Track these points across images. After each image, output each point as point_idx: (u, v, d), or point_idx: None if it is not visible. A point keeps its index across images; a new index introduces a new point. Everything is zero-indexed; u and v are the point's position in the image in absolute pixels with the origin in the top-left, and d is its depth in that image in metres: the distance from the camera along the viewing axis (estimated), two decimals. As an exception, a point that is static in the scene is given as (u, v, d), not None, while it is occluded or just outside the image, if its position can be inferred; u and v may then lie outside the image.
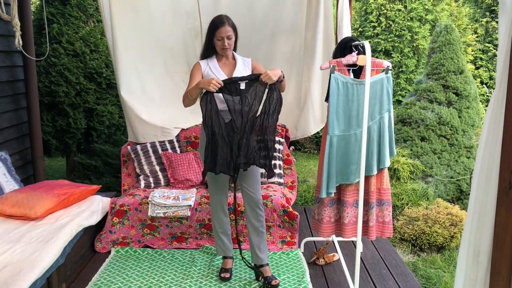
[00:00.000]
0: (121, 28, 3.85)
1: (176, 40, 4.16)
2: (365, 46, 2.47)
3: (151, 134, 4.12)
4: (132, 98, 4.03)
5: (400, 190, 4.57)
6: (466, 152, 5.01)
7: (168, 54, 4.18)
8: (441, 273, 3.56)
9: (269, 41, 4.12)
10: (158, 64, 4.18)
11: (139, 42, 4.03)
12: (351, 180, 2.76)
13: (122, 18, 3.84)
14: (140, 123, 4.07)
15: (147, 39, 4.05)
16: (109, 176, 5.04)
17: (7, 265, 2.37)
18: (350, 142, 2.69)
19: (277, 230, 3.54)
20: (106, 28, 3.94)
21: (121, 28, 3.85)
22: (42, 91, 4.87)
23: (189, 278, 3.04)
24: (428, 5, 7.28)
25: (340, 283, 3.01)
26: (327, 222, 2.91)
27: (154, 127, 4.11)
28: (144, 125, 4.08)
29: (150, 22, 4.01)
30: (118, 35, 3.85)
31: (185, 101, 2.82)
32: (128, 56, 3.95)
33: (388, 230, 2.92)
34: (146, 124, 4.08)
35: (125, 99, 3.99)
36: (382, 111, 2.71)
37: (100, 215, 3.39)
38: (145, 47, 4.07)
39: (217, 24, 2.73)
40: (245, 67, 2.87)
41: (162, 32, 4.08)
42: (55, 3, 5.00)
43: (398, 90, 7.31)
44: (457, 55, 5.20)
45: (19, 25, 3.52)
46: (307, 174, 6.18)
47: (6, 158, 3.59)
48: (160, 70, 4.21)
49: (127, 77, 3.98)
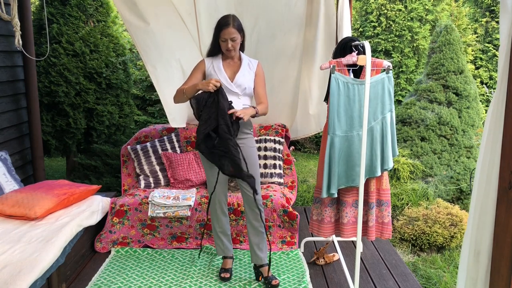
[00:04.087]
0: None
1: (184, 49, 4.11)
2: (365, 46, 2.47)
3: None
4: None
5: (400, 190, 4.57)
6: (466, 152, 5.01)
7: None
8: (441, 273, 3.56)
9: (269, 41, 4.11)
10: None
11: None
12: (357, 182, 2.72)
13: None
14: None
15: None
16: (109, 176, 5.04)
17: (7, 265, 2.37)
18: (354, 143, 2.67)
19: (277, 230, 3.54)
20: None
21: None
22: (42, 91, 4.87)
23: (189, 278, 3.04)
24: (428, 5, 7.28)
25: (340, 283, 3.01)
26: (328, 223, 2.91)
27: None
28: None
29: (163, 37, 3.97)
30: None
31: (177, 98, 2.82)
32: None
33: (387, 231, 2.91)
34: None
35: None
36: (384, 111, 2.71)
37: (100, 215, 3.39)
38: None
39: (222, 25, 2.71)
40: (249, 70, 2.85)
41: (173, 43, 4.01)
42: (55, 3, 4.99)
43: (398, 90, 7.31)
44: (457, 55, 5.20)
45: (19, 25, 3.52)
46: (307, 174, 6.18)
47: (6, 158, 3.59)
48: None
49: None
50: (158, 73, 3.82)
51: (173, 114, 3.98)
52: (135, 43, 3.76)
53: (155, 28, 3.76)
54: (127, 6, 3.64)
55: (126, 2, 3.63)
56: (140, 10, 3.66)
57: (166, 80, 3.87)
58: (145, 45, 3.76)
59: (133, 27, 3.70)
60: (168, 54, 3.87)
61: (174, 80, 3.89)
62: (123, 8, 3.65)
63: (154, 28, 3.75)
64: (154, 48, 3.79)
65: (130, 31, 3.72)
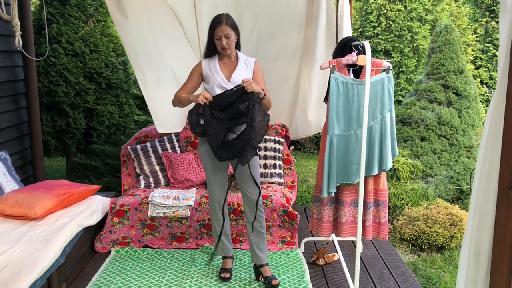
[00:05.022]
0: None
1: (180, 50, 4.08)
2: (365, 46, 2.47)
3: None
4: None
5: (400, 190, 4.57)
6: (466, 152, 5.01)
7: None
8: (441, 273, 3.56)
9: (269, 41, 4.11)
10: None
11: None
12: (352, 180, 2.76)
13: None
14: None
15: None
16: (109, 176, 5.04)
17: (7, 265, 2.37)
18: (351, 142, 2.69)
19: (277, 230, 3.54)
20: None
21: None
22: (42, 91, 4.87)
23: (189, 278, 3.04)
24: (428, 5, 7.27)
25: (340, 283, 3.01)
26: (326, 221, 2.93)
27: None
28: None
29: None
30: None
31: (175, 102, 2.85)
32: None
33: (384, 232, 2.92)
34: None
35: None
36: (383, 111, 2.71)
37: (100, 215, 3.39)
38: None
39: (214, 23, 2.72)
40: (247, 68, 2.84)
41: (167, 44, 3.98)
42: (55, 3, 4.99)
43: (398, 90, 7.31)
44: (457, 55, 5.20)
45: (19, 25, 3.52)
46: (307, 174, 6.18)
47: (6, 158, 3.59)
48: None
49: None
50: (146, 79, 3.82)
51: (160, 120, 3.99)
52: (125, 47, 3.76)
53: (146, 33, 3.73)
54: (119, 8, 3.62)
55: (117, 3, 3.60)
56: (129, 12, 3.62)
57: (155, 86, 3.87)
58: (135, 50, 3.74)
59: (124, 31, 3.68)
60: (158, 60, 3.84)
61: (164, 86, 3.89)
62: (115, 11, 3.62)
63: (145, 33, 3.72)
64: (143, 53, 3.77)
65: (120, 34, 3.71)
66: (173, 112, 3.96)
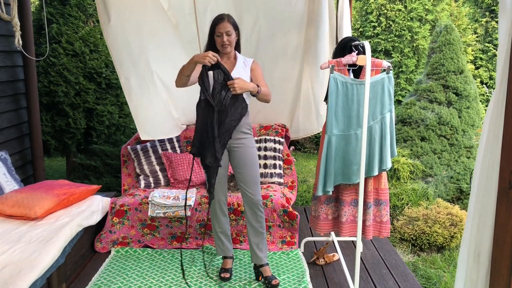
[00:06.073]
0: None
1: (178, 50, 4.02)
2: (365, 46, 2.47)
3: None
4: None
5: (400, 190, 4.57)
6: (466, 152, 5.01)
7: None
8: (441, 273, 3.56)
9: (269, 41, 4.11)
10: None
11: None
12: (352, 180, 2.76)
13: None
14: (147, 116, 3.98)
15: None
16: (109, 176, 5.04)
17: (7, 265, 2.37)
18: (351, 142, 2.69)
19: (277, 230, 3.54)
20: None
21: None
22: (41, 91, 4.87)
23: (189, 278, 3.04)
24: (428, 5, 7.28)
25: (340, 283, 3.01)
26: (323, 220, 2.95)
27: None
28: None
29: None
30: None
31: (178, 79, 2.79)
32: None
33: (386, 230, 2.93)
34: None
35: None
36: (383, 111, 2.71)
37: (100, 215, 3.39)
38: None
39: (216, 21, 2.74)
40: (245, 67, 2.86)
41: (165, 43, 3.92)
42: (55, 3, 4.99)
43: (398, 90, 7.31)
44: (457, 55, 5.20)
45: (19, 25, 3.52)
46: (307, 174, 6.18)
47: (6, 158, 3.59)
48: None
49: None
50: (131, 86, 3.75)
51: (143, 126, 3.92)
52: (110, 52, 3.67)
53: (131, 38, 3.64)
54: (104, 10, 3.50)
55: (103, 5, 3.49)
56: (113, 15, 3.52)
57: (139, 93, 3.81)
58: (120, 56, 3.65)
59: (109, 35, 3.57)
60: (143, 66, 3.77)
61: (149, 94, 3.85)
62: (102, 14, 3.52)
63: (130, 38, 3.63)
64: (128, 59, 3.68)
65: (105, 38, 3.61)
66: (158, 118, 3.96)
